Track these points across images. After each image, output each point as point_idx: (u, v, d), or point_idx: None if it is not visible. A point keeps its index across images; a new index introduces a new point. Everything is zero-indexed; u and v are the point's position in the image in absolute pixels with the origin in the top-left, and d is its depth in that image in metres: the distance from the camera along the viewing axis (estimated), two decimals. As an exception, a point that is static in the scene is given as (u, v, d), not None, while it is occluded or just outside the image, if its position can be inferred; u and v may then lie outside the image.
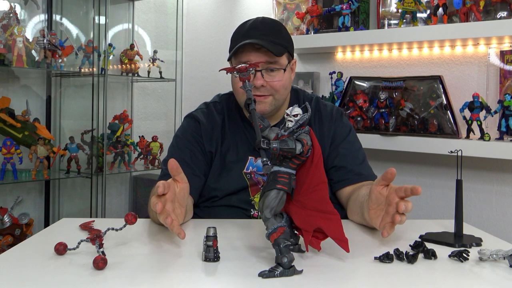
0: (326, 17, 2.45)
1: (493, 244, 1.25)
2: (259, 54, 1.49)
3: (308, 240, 1.07)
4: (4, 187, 2.42)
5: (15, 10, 2.32)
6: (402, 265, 1.07)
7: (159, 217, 1.11)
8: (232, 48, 1.53)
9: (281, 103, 1.58)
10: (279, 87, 1.53)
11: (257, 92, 1.50)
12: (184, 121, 1.68)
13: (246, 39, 1.49)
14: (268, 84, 1.51)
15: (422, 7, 2.18)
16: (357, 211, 1.41)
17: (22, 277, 0.97)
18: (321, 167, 1.05)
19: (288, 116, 1.03)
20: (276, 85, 1.52)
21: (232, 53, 1.51)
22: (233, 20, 3.04)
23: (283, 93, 1.56)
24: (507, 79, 2.00)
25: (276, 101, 1.55)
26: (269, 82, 1.51)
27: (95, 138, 2.56)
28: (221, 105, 1.67)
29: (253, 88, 1.49)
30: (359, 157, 1.62)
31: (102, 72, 2.58)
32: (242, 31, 1.56)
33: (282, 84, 1.53)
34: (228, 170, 1.57)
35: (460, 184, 1.29)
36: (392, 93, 2.21)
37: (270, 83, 1.51)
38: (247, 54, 1.50)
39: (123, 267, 1.03)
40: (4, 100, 2.37)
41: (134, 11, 2.99)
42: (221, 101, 1.68)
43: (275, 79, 1.52)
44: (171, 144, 1.65)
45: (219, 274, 1.01)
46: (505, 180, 2.10)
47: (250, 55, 1.50)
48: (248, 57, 1.50)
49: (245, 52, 1.50)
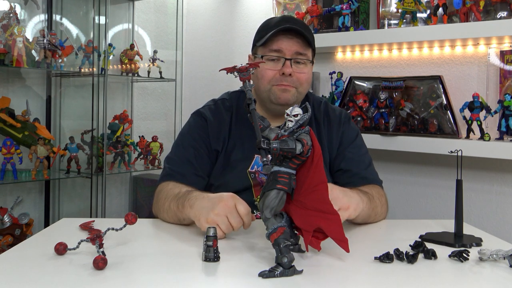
0: (326, 17, 2.45)
1: (493, 244, 1.26)
2: (291, 42, 1.52)
3: (308, 240, 1.07)
4: (4, 187, 2.41)
5: (15, 10, 2.32)
6: (402, 265, 1.07)
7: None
8: (262, 37, 1.55)
9: (301, 98, 1.60)
10: (304, 80, 1.55)
11: (283, 82, 1.53)
12: (190, 118, 1.67)
13: (279, 27, 1.52)
14: (295, 75, 1.53)
15: (422, 7, 2.18)
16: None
17: (22, 277, 0.97)
18: (321, 167, 1.05)
19: (288, 116, 1.03)
20: (302, 77, 1.55)
21: (265, 40, 1.53)
22: (233, 20, 3.04)
23: (306, 88, 1.59)
24: (507, 79, 2.00)
25: (299, 95, 1.57)
26: (296, 73, 1.53)
27: (95, 138, 2.56)
28: (230, 102, 1.66)
29: (280, 77, 1.53)
30: (365, 161, 1.63)
31: (102, 72, 2.58)
32: (271, 22, 1.59)
33: (306, 78, 1.56)
34: (232, 168, 1.57)
35: (460, 184, 1.29)
36: (392, 93, 2.21)
37: (297, 74, 1.53)
38: (280, 41, 1.52)
39: (123, 267, 1.03)
40: (4, 100, 2.37)
41: (134, 11, 2.99)
42: (231, 98, 1.68)
43: (302, 71, 1.54)
44: (176, 142, 1.65)
45: (219, 274, 1.01)
46: (505, 180, 2.10)
47: (283, 42, 1.52)
48: (280, 44, 1.52)
49: (277, 39, 1.52)
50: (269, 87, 1.55)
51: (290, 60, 1.52)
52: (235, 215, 1.21)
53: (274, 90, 1.54)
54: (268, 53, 1.54)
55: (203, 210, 1.24)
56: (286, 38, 1.52)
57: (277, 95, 1.54)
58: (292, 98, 1.55)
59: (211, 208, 1.23)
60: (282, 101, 1.54)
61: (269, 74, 1.54)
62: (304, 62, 1.55)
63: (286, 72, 1.51)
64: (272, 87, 1.54)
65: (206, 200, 1.27)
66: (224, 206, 1.22)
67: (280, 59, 1.53)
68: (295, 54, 1.53)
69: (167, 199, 1.42)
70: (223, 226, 1.21)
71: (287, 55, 1.52)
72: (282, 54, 1.52)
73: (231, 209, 1.21)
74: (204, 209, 1.24)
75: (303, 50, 1.54)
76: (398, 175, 2.35)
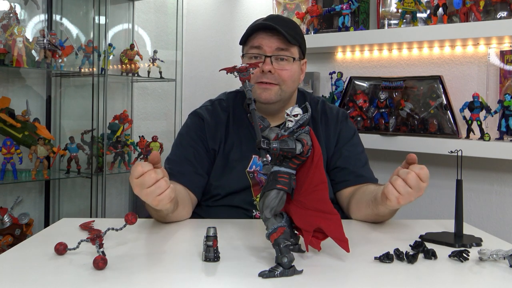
0: (326, 17, 2.45)
1: (493, 244, 1.25)
2: (271, 39, 1.51)
3: (308, 240, 1.07)
4: (4, 187, 2.41)
5: (15, 10, 2.32)
6: (402, 265, 1.07)
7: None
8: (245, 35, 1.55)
9: (287, 96, 1.58)
10: (287, 77, 1.53)
11: (263, 79, 1.51)
12: (188, 119, 1.68)
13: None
14: (276, 72, 1.52)
15: (422, 7, 2.19)
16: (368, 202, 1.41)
17: (22, 277, 0.97)
18: (321, 167, 1.05)
19: (288, 116, 1.03)
20: (284, 74, 1.53)
21: (246, 36, 1.53)
22: (233, 20, 3.04)
23: (290, 86, 1.56)
24: (507, 79, 2.00)
25: (283, 93, 1.55)
26: (277, 70, 1.52)
27: (95, 138, 2.56)
28: (227, 102, 1.66)
29: (261, 74, 1.52)
30: (361, 159, 1.63)
31: (102, 72, 2.58)
32: (259, 20, 1.59)
33: (290, 75, 1.54)
34: (231, 168, 1.57)
35: (460, 184, 1.29)
36: (392, 93, 2.21)
37: (279, 71, 1.52)
38: (260, 38, 1.52)
39: (123, 267, 1.03)
40: (4, 100, 2.37)
41: (134, 11, 2.99)
42: (227, 99, 1.68)
43: (284, 68, 1.53)
44: (175, 142, 1.65)
45: (219, 274, 1.01)
46: (505, 180, 2.10)
47: (263, 39, 1.52)
48: (261, 41, 1.52)
49: (258, 36, 1.52)
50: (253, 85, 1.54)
51: (270, 57, 1.51)
52: (146, 180, 1.14)
53: (255, 89, 1.52)
54: (249, 50, 1.54)
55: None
56: (267, 35, 1.52)
57: (258, 93, 1.53)
58: (275, 97, 1.53)
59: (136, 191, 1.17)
60: (263, 100, 1.53)
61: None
62: (286, 59, 1.53)
63: (265, 69, 1.50)
64: (255, 85, 1.53)
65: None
66: (133, 183, 1.16)
67: (261, 57, 1.52)
68: (276, 50, 1.52)
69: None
70: (148, 183, 1.14)
71: (268, 51, 1.52)
72: (262, 51, 1.52)
73: (138, 180, 1.15)
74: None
75: (285, 46, 1.52)
76: (398, 175, 2.34)
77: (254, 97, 1.54)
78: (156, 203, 1.18)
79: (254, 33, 1.53)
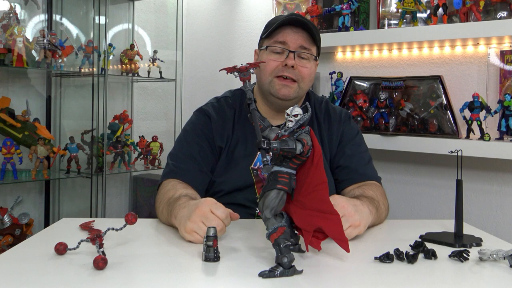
0: (326, 17, 2.45)
1: (493, 244, 1.26)
2: (296, 36, 1.53)
3: (308, 240, 1.07)
4: (4, 187, 2.41)
5: (15, 10, 2.31)
6: (402, 265, 1.07)
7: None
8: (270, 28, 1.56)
9: (302, 95, 1.61)
10: (306, 75, 1.55)
11: (285, 73, 1.53)
12: (193, 116, 1.67)
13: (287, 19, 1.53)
14: (298, 68, 1.53)
15: (422, 7, 2.18)
16: None
17: (22, 277, 0.97)
18: (321, 167, 1.05)
19: (288, 116, 1.03)
20: (305, 72, 1.55)
21: (272, 31, 1.54)
22: (233, 20, 3.04)
23: (307, 84, 1.59)
24: (507, 79, 2.00)
25: (300, 90, 1.57)
26: (299, 66, 1.54)
27: (95, 138, 2.56)
28: (232, 99, 1.67)
29: (282, 68, 1.53)
30: (364, 158, 1.64)
31: (102, 72, 2.58)
32: (280, 17, 1.60)
33: (309, 73, 1.56)
34: (235, 165, 1.57)
35: (460, 184, 1.29)
36: (392, 93, 2.21)
37: (300, 68, 1.54)
38: (285, 33, 1.54)
39: (123, 267, 1.03)
40: (4, 100, 2.37)
41: (134, 11, 2.99)
42: (233, 96, 1.68)
43: (305, 65, 1.55)
44: (179, 138, 1.64)
45: (219, 274, 1.01)
46: (505, 180, 2.10)
47: (289, 34, 1.53)
48: (286, 36, 1.53)
49: (284, 31, 1.54)
50: (271, 78, 1.55)
51: (294, 53, 1.53)
52: (211, 219, 1.18)
53: (275, 83, 1.54)
54: (273, 44, 1.55)
55: (182, 219, 1.23)
56: (292, 31, 1.54)
57: (277, 88, 1.54)
58: (293, 94, 1.55)
59: (187, 216, 1.21)
60: (281, 96, 1.54)
61: (272, 65, 1.54)
62: (307, 58, 1.55)
63: (289, 64, 1.52)
64: (273, 79, 1.55)
65: (186, 209, 1.25)
66: (199, 212, 1.19)
67: (284, 52, 1.54)
68: (299, 47, 1.54)
69: (161, 202, 1.42)
70: (200, 232, 1.18)
71: (292, 47, 1.53)
72: (287, 46, 1.53)
73: (206, 214, 1.19)
74: (183, 218, 1.23)
75: (308, 45, 1.54)
76: (398, 175, 2.35)
77: (270, 91, 1.56)
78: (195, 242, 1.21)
79: (279, 28, 1.54)
